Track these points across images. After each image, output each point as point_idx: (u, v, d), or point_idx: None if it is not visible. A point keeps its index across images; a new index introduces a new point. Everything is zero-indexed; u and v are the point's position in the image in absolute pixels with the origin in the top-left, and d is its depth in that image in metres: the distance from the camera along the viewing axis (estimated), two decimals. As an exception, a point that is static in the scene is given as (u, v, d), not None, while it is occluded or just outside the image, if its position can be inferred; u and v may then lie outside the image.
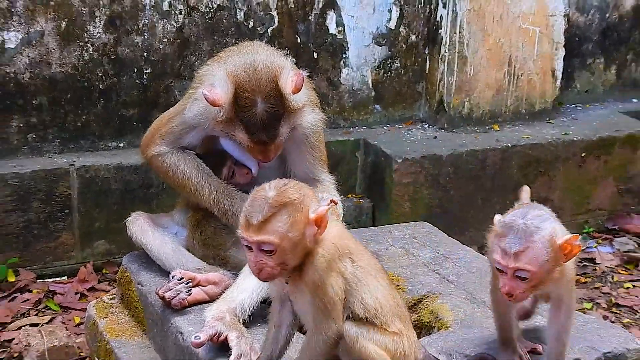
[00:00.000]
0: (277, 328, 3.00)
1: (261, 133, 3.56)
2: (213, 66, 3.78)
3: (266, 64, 3.60)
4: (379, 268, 3.02)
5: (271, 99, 3.53)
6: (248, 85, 3.53)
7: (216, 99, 3.50)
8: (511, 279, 2.86)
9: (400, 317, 3.00)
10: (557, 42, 6.87)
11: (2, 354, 5.03)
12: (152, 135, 3.90)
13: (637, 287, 5.98)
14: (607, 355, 3.19)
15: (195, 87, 3.82)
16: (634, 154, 6.85)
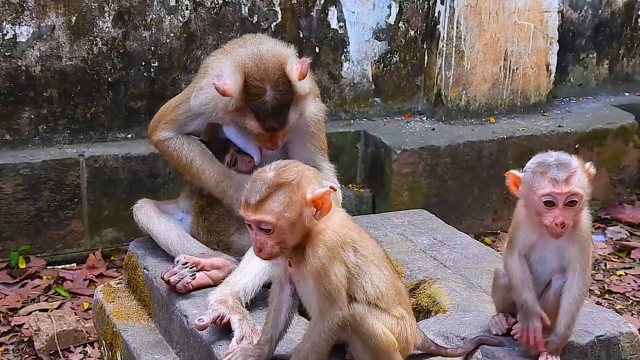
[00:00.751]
0: (276, 311, 2.98)
1: (271, 120, 3.56)
2: (218, 58, 3.78)
3: (272, 53, 3.60)
4: (383, 256, 3.01)
5: (280, 86, 3.53)
6: (257, 74, 3.53)
7: (226, 89, 3.49)
8: (562, 208, 2.91)
9: (402, 304, 2.98)
10: (551, 37, 6.84)
11: (13, 338, 5.04)
12: (158, 121, 3.90)
13: (629, 274, 5.97)
14: (600, 338, 3.17)
15: (201, 77, 3.81)
16: (626, 145, 6.83)
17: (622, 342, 3.19)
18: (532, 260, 3.10)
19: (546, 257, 3.08)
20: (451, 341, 3.18)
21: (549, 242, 3.05)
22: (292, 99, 3.59)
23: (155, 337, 3.68)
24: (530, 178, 3.01)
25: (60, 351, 4.87)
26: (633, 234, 6.58)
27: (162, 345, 3.61)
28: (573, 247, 3.03)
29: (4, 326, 5.14)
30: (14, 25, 5.63)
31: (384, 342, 2.86)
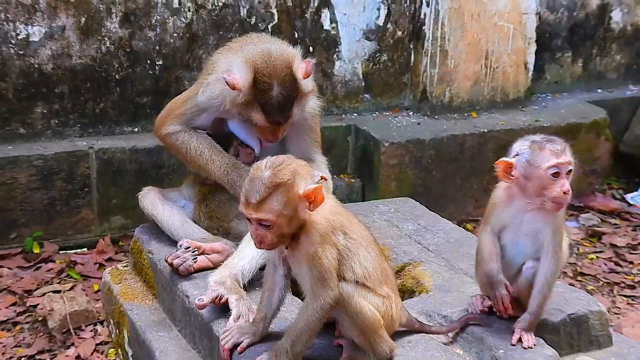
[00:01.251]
0: (270, 291, 2.99)
1: (276, 114, 3.56)
2: (225, 55, 3.77)
3: (280, 52, 3.60)
4: (371, 240, 3.00)
5: (286, 83, 3.54)
6: (266, 70, 3.52)
7: (236, 83, 3.50)
8: (566, 177, 2.95)
9: (388, 284, 2.99)
10: (529, 37, 6.85)
11: (28, 317, 5.04)
12: (166, 115, 3.89)
13: (600, 258, 5.99)
14: (571, 316, 3.17)
15: (208, 73, 3.80)
16: (598, 138, 6.85)
17: (592, 319, 3.19)
18: (506, 243, 3.10)
19: (519, 240, 3.08)
20: (433, 319, 3.19)
21: (523, 224, 3.05)
22: (297, 95, 3.59)
23: (159, 316, 3.68)
24: (531, 156, 2.99)
25: (72, 330, 4.88)
26: (604, 220, 6.60)
27: (165, 324, 3.61)
28: (547, 230, 3.02)
29: (19, 307, 5.14)
30: (27, 25, 5.62)
31: (370, 319, 2.87)
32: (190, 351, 3.40)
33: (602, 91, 7.54)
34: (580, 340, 3.18)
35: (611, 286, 5.61)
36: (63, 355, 4.72)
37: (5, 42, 5.59)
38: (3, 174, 5.53)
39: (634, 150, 7.14)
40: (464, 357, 2.99)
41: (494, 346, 2.97)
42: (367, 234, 3.02)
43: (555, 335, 3.13)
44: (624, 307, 5.33)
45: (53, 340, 4.84)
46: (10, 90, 5.69)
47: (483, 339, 3.02)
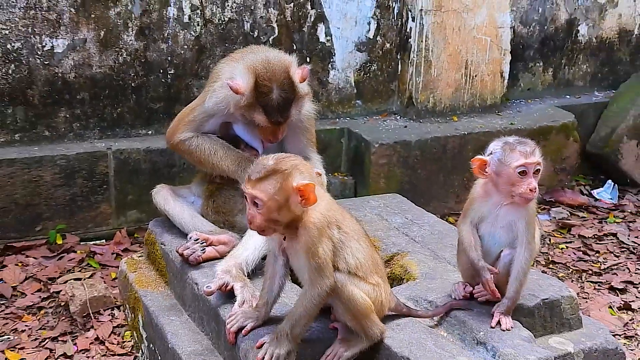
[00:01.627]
0: (271, 279, 2.97)
1: (277, 114, 3.55)
2: (228, 64, 3.76)
3: (278, 59, 3.61)
4: (362, 233, 2.99)
5: (284, 86, 3.53)
6: (266, 75, 3.52)
7: (239, 88, 3.49)
8: (531, 176, 2.95)
9: (378, 273, 2.97)
10: (505, 49, 6.83)
11: (52, 303, 5.02)
12: (176, 125, 3.86)
13: (570, 248, 5.97)
14: (545, 301, 3.15)
15: (213, 81, 3.79)
16: (567, 140, 6.82)
17: (563, 304, 3.17)
18: (484, 234, 3.08)
19: (496, 232, 3.06)
20: (420, 304, 3.17)
21: (499, 217, 3.04)
22: (294, 97, 3.59)
23: (171, 301, 3.66)
24: (502, 155, 2.99)
25: (92, 314, 4.85)
26: (573, 214, 6.59)
27: (176, 309, 3.59)
28: (520, 222, 3.02)
29: (44, 293, 5.12)
30: (51, 38, 5.59)
31: (362, 305, 2.85)
32: (199, 334, 3.38)
33: (570, 97, 7.52)
34: (553, 323, 3.16)
35: (580, 273, 5.59)
36: (83, 337, 4.69)
37: (32, 54, 5.56)
38: (30, 172, 5.50)
39: (599, 150, 7.13)
40: (448, 339, 2.97)
41: (475, 329, 2.95)
42: (359, 227, 3.00)
43: (530, 318, 3.11)
44: (591, 293, 5.31)
45: (74, 324, 4.82)
46: (37, 96, 5.65)
47: (465, 322, 2.99)
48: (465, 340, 2.94)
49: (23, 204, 5.53)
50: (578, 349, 3.02)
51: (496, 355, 2.81)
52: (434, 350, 2.83)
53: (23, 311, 4.93)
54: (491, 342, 2.86)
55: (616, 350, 3.10)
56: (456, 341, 2.95)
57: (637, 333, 4.81)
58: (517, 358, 2.77)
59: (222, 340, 3.14)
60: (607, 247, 5.99)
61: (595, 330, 3.20)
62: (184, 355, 3.23)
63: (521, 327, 2.97)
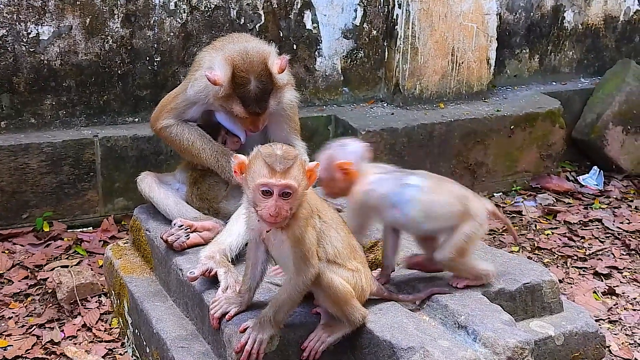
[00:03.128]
0: (253, 266, 2.99)
1: (254, 105, 3.56)
2: (209, 52, 3.76)
3: (256, 50, 3.60)
4: (340, 221, 3.02)
5: (262, 77, 3.53)
6: (243, 66, 3.52)
7: (217, 79, 3.49)
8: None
9: (357, 259, 3.00)
10: (491, 36, 6.83)
11: (39, 290, 5.02)
12: (159, 111, 3.88)
13: (555, 233, 5.99)
14: (526, 285, 3.18)
15: (195, 69, 3.79)
16: (553, 126, 6.84)
17: (544, 288, 3.21)
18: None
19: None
20: (402, 289, 3.19)
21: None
22: (272, 88, 3.59)
23: (156, 287, 3.67)
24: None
25: (79, 301, 4.85)
26: (558, 200, 6.61)
27: (161, 294, 3.60)
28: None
29: (31, 280, 5.11)
30: (37, 25, 5.57)
31: (342, 291, 2.87)
32: (183, 319, 3.39)
33: (556, 84, 7.54)
34: (534, 307, 3.20)
35: (565, 259, 5.62)
36: (70, 324, 4.69)
37: (17, 41, 5.54)
38: (16, 159, 5.48)
39: (585, 136, 7.15)
40: (430, 323, 2.99)
41: (457, 313, 2.97)
42: (337, 216, 3.03)
43: (511, 302, 3.14)
44: (576, 278, 5.34)
45: (61, 311, 4.81)
46: (22, 84, 5.64)
47: (447, 307, 3.02)
48: (447, 324, 2.97)
49: (9, 192, 5.52)
50: (559, 332, 3.05)
51: (477, 338, 2.84)
52: (415, 334, 2.85)
53: (10, 298, 4.92)
54: (472, 325, 2.89)
55: (596, 333, 3.14)
56: (438, 325, 2.98)
57: (621, 318, 4.84)
58: (497, 341, 2.80)
59: (206, 326, 3.15)
60: (592, 232, 6.02)
61: (575, 314, 3.23)
62: (169, 341, 3.25)
63: (502, 311, 3.00)
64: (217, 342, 3.04)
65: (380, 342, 2.85)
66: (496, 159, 6.66)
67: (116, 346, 4.50)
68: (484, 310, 2.98)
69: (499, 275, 3.22)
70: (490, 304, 3.04)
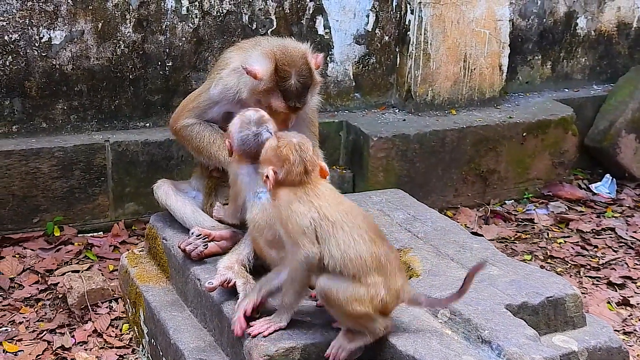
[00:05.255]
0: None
1: (294, 100, 3.54)
2: (237, 52, 3.75)
3: (294, 46, 3.60)
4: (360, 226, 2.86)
5: (303, 72, 3.52)
6: (285, 60, 3.50)
7: (257, 73, 3.47)
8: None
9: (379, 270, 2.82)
10: (504, 42, 6.81)
11: (50, 295, 5.02)
12: (180, 111, 3.86)
13: (568, 242, 5.97)
14: (549, 299, 3.15)
15: (220, 69, 3.76)
16: (565, 133, 6.81)
17: (567, 302, 3.17)
18: None
19: None
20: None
21: None
22: (311, 83, 3.59)
23: (173, 297, 3.65)
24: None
25: (90, 306, 4.85)
26: (571, 208, 6.58)
27: (178, 304, 3.58)
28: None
29: (41, 285, 5.11)
30: (49, 30, 5.56)
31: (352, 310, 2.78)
32: (201, 330, 3.37)
33: (568, 91, 7.50)
34: (557, 321, 3.16)
35: (578, 268, 5.60)
36: (81, 329, 4.69)
37: (29, 45, 5.53)
38: (27, 164, 5.48)
39: (597, 144, 7.12)
40: (453, 337, 2.96)
41: (480, 327, 2.94)
42: (359, 220, 2.88)
43: (534, 316, 3.11)
44: (589, 288, 5.32)
45: (72, 316, 4.81)
46: (34, 88, 5.63)
47: (470, 321, 2.98)
48: (470, 339, 2.94)
49: (20, 196, 5.51)
50: (582, 347, 3.02)
51: (501, 354, 2.81)
52: (438, 349, 2.82)
53: (21, 303, 4.92)
54: (496, 340, 2.86)
55: (620, 349, 3.10)
56: (461, 339, 2.95)
57: (636, 329, 4.82)
58: (522, 357, 2.77)
59: (225, 337, 3.13)
60: (605, 241, 5.99)
61: (599, 328, 3.19)
62: (187, 352, 3.22)
63: (526, 326, 2.97)
64: (237, 355, 3.02)
65: (403, 356, 2.82)
66: (508, 166, 6.63)
67: (127, 352, 4.50)
68: (507, 324, 2.95)
69: (520, 288, 3.20)
70: (514, 318, 3.00)
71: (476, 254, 3.52)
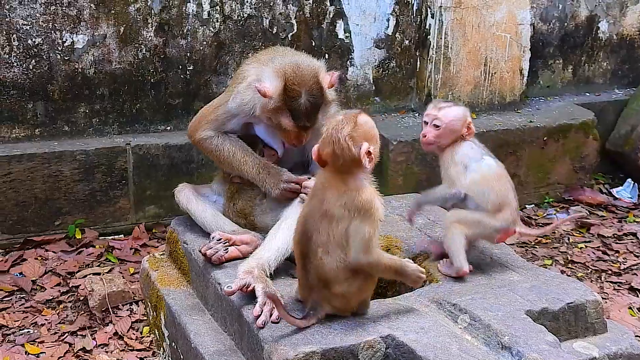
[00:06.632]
0: None
1: (304, 119, 3.53)
2: (254, 66, 3.74)
3: (307, 64, 3.58)
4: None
5: (313, 91, 3.51)
6: (295, 80, 3.50)
7: (267, 91, 3.47)
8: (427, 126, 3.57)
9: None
10: (524, 46, 6.79)
11: (71, 297, 5.05)
12: (198, 122, 3.86)
13: (589, 247, 5.94)
14: (569, 305, 3.13)
15: (238, 82, 3.76)
16: (587, 138, 6.79)
17: (588, 308, 3.15)
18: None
19: None
20: (443, 307, 3.15)
21: None
22: (322, 103, 3.57)
23: (193, 300, 3.65)
24: None
25: (111, 308, 4.88)
26: (592, 212, 6.55)
27: (199, 308, 3.58)
28: None
29: (63, 287, 5.15)
30: (72, 34, 5.61)
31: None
32: (221, 334, 3.37)
33: (590, 95, 7.47)
34: (578, 327, 3.14)
35: (599, 273, 5.57)
36: (102, 332, 4.72)
37: (52, 49, 5.58)
38: (49, 167, 5.52)
39: (619, 148, 7.08)
40: (473, 343, 2.96)
41: (500, 332, 2.93)
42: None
43: (554, 322, 3.09)
44: (610, 293, 5.29)
45: (93, 318, 4.84)
46: (57, 92, 5.68)
47: (490, 326, 2.97)
48: (490, 345, 2.93)
49: (43, 199, 5.55)
50: (603, 353, 3.00)
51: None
52: (458, 355, 2.82)
53: (43, 305, 4.96)
54: (516, 346, 2.85)
55: (641, 355, 3.09)
56: (481, 345, 2.94)
57: (657, 335, 4.79)
58: (543, 364, 2.76)
59: (245, 341, 3.14)
60: (626, 246, 5.96)
61: (620, 334, 3.17)
62: (207, 355, 3.23)
63: (546, 332, 2.96)
64: (256, 359, 3.02)
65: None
66: (528, 170, 6.61)
67: (147, 355, 4.52)
68: (528, 330, 2.94)
69: (541, 294, 3.19)
70: (534, 323, 2.99)
71: (496, 260, 3.51)
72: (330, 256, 2.89)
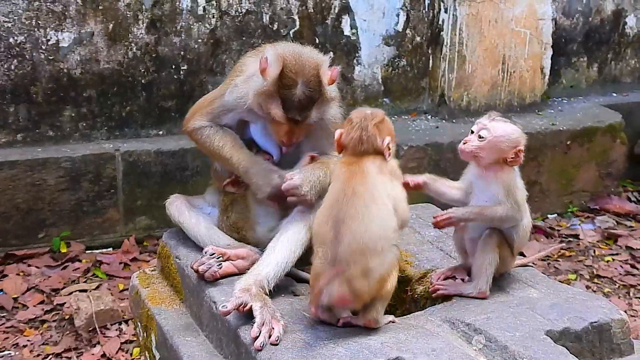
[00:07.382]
0: None
1: (295, 111, 3.53)
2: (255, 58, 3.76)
3: (310, 55, 3.58)
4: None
5: (311, 84, 3.51)
6: (294, 67, 3.49)
7: (266, 68, 3.48)
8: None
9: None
10: (546, 42, 6.81)
11: (56, 316, 5.06)
12: (194, 112, 3.89)
13: (616, 260, 5.94)
14: (593, 325, 3.12)
15: (236, 75, 3.79)
16: (614, 142, 6.79)
17: (614, 327, 3.15)
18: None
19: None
20: (457, 327, 3.14)
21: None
22: (318, 98, 3.57)
23: (187, 320, 3.65)
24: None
25: (98, 328, 4.88)
26: (620, 223, 6.55)
27: (192, 328, 3.58)
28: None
29: (47, 305, 5.16)
30: (56, 31, 5.63)
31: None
32: (217, 356, 3.37)
33: (617, 95, 7.49)
34: (602, 349, 3.14)
35: (627, 289, 5.56)
36: (89, 354, 4.72)
37: (35, 48, 5.60)
38: (32, 175, 5.54)
39: (648, 153, 7.10)
40: (488, 366, 2.96)
41: (518, 355, 2.92)
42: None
43: (577, 343, 3.09)
44: (640, 310, 5.29)
45: (79, 339, 4.85)
46: (40, 94, 5.70)
47: (507, 348, 2.97)
48: (507, 368, 2.93)
49: (25, 209, 5.57)
50: (629, 377, 3.01)
51: (541, 385, 2.80)
52: (473, 379, 2.82)
53: (25, 325, 4.97)
54: (536, 369, 2.85)
55: (671, 379, 3.08)
56: (497, 368, 2.94)
57: (690, 356, 4.77)
58: (564, 388, 2.76)
59: (242, 364, 3.14)
60: (657, 260, 5.97)
61: (648, 357, 3.18)
62: (201, 380, 3.24)
63: (568, 354, 2.95)
64: (254, 382, 3.02)
65: (435, 386, 2.82)
66: (551, 177, 6.61)
67: (137, 379, 4.53)
68: (547, 352, 2.93)
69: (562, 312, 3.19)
70: (555, 345, 2.99)
71: (514, 275, 3.50)
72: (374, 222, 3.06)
